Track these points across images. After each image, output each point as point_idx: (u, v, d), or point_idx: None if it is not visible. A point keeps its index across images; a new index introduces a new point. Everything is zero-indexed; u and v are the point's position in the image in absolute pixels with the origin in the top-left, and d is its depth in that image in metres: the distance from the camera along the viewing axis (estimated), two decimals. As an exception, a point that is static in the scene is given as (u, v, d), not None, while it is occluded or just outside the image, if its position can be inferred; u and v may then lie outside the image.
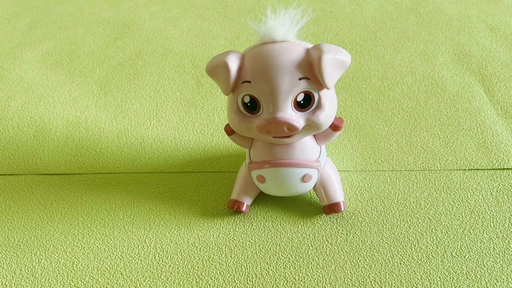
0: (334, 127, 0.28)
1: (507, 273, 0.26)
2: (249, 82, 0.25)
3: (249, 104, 0.26)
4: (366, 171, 0.34)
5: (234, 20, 0.55)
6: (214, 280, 0.27)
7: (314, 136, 0.29)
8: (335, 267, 0.27)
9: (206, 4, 0.59)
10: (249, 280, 0.27)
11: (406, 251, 0.28)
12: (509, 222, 0.29)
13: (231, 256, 0.28)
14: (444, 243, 0.28)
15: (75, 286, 0.27)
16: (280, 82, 0.24)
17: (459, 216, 0.30)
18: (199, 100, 0.42)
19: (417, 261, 0.27)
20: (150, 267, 0.28)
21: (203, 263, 0.28)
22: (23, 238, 0.30)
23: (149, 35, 0.53)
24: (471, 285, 0.26)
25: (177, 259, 0.28)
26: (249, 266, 0.28)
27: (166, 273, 0.28)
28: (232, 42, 0.51)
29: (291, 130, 0.25)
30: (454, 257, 0.27)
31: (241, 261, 0.28)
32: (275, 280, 0.27)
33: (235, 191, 0.31)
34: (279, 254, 0.28)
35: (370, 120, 0.39)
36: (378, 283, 0.26)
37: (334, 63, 0.24)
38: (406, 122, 0.38)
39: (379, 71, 0.44)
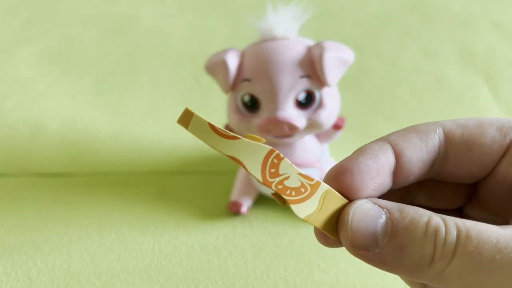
0: (336, 126, 0.27)
1: None
2: (249, 80, 0.24)
3: (249, 103, 0.25)
4: (369, 171, 0.33)
5: (234, 17, 0.54)
6: (213, 283, 0.26)
7: (316, 135, 0.28)
8: (337, 270, 0.27)
9: (204, 0, 0.58)
10: (249, 283, 0.26)
11: (410, 254, 0.27)
12: None
13: (230, 259, 0.28)
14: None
15: (71, 289, 0.27)
16: (280, 80, 0.24)
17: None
18: (198, 99, 0.42)
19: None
20: (148, 270, 0.27)
21: (202, 266, 0.27)
22: (19, 239, 0.30)
23: (146, 32, 0.53)
24: None
25: (175, 261, 0.28)
26: (249, 269, 0.27)
27: (164, 276, 0.27)
28: (231, 39, 0.50)
29: (292, 129, 0.24)
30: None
31: (241, 263, 0.27)
32: (276, 283, 0.26)
33: (234, 192, 0.30)
34: (279, 256, 0.28)
35: (372, 119, 0.38)
36: (381, 286, 0.26)
37: (336, 61, 0.24)
38: (410, 122, 0.38)
39: (382, 69, 0.44)
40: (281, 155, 0.11)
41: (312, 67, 0.24)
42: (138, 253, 0.28)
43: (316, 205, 0.11)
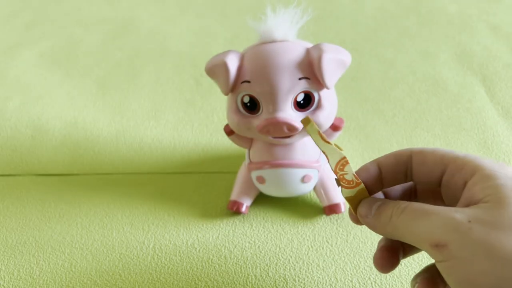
0: (334, 127, 0.28)
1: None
2: (249, 82, 0.25)
3: (248, 104, 0.25)
4: (367, 171, 0.34)
5: (234, 19, 0.55)
6: (213, 282, 0.27)
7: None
8: (335, 269, 0.27)
9: (205, 2, 0.59)
10: (249, 281, 0.27)
11: (407, 253, 0.28)
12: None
13: (230, 258, 0.28)
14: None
15: (73, 287, 0.27)
16: (279, 82, 0.24)
17: (460, 217, 0.30)
18: (198, 100, 0.42)
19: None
20: (149, 269, 0.28)
21: (202, 264, 0.28)
22: (21, 239, 0.30)
23: (147, 34, 0.53)
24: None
25: (176, 260, 0.28)
26: (249, 268, 0.27)
27: (165, 274, 0.27)
28: (231, 41, 0.51)
29: (291, 130, 0.24)
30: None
31: (240, 262, 0.28)
32: (275, 281, 0.27)
33: (234, 191, 0.31)
34: (279, 255, 0.28)
35: (370, 120, 0.39)
36: (379, 285, 0.26)
37: (335, 62, 0.24)
38: (407, 122, 0.38)
39: (380, 71, 0.44)
40: (348, 160, 0.19)
41: (310, 69, 0.24)
42: (139, 252, 0.29)
43: (354, 193, 0.19)
